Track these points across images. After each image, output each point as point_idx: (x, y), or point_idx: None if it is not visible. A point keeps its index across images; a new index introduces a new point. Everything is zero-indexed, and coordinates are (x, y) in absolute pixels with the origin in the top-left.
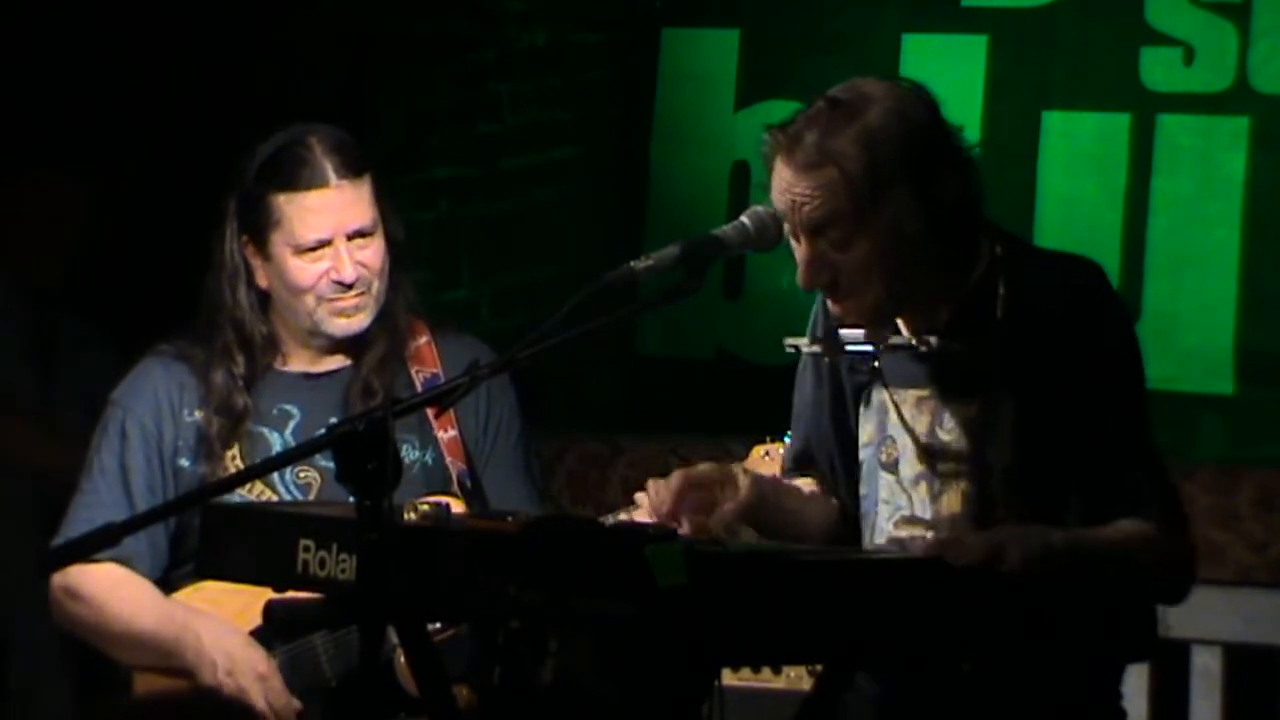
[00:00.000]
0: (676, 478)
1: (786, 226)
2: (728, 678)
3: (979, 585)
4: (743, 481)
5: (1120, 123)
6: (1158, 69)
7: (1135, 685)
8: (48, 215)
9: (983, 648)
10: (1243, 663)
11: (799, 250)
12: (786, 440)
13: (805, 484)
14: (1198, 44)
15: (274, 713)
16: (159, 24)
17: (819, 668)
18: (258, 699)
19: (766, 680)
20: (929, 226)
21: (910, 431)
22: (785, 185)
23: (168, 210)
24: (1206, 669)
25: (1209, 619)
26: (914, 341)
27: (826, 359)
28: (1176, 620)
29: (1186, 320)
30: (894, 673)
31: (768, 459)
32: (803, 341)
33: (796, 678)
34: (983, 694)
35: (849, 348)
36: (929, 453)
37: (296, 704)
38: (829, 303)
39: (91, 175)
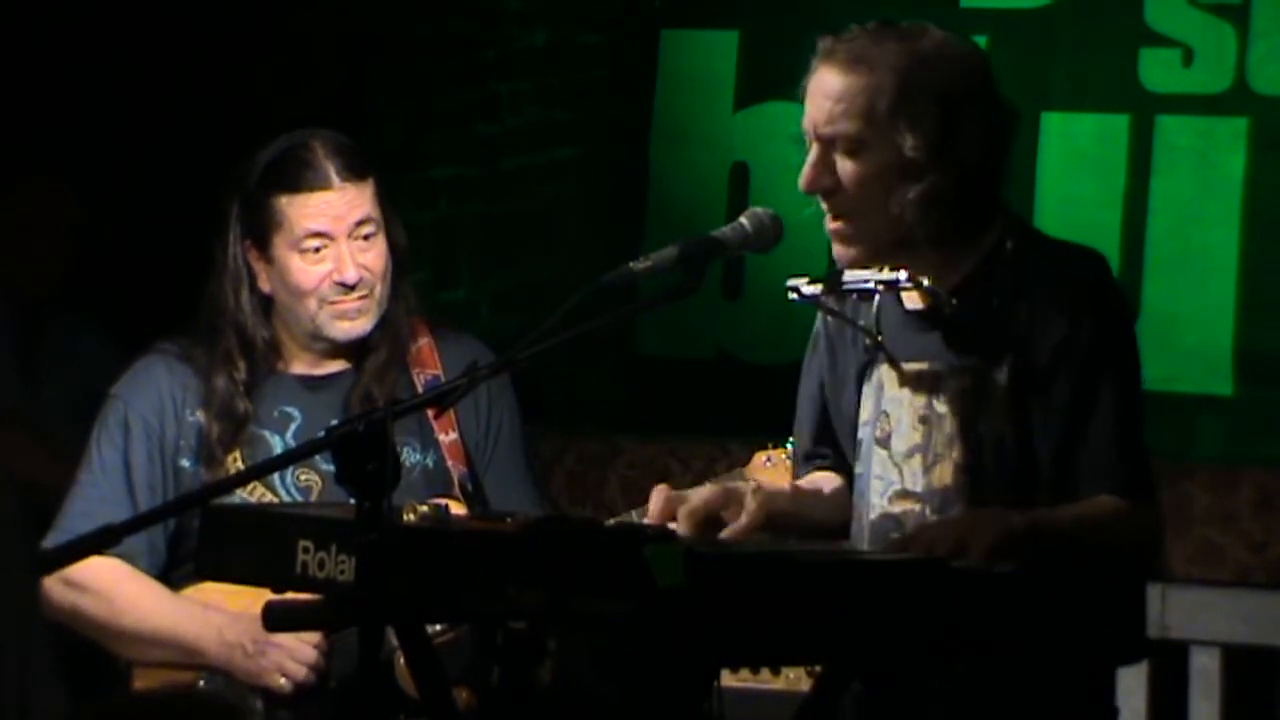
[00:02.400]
0: (683, 518)
1: (805, 127)
2: (727, 678)
3: (977, 586)
4: (749, 502)
5: (1119, 124)
6: (1157, 70)
7: (1134, 685)
8: (46, 220)
9: (980, 649)
10: (1241, 663)
11: (809, 153)
12: (789, 446)
13: (825, 479)
14: (1197, 45)
15: (309, 670)
16: (158, 24)
17: (818, 669)
18: (290, 666)
19: (765, 681)
20: (942, 172)
21: (908, 404)
22: (816, 85)
23: (168, 212)
24: (1205, 669)
25: (1208, 619)
26: (904, 276)
27: (828, 304)
28: (1175, 621)
29: (1185, 321)
30: (892, 674)
31: (769, 465)
32: (804, 281)
33: (795, 678)
34: (975, 694)
35: (849, 285)
36: (924, 424)
37: (314, 654)
38: (830, 226)
39: (91, 177)
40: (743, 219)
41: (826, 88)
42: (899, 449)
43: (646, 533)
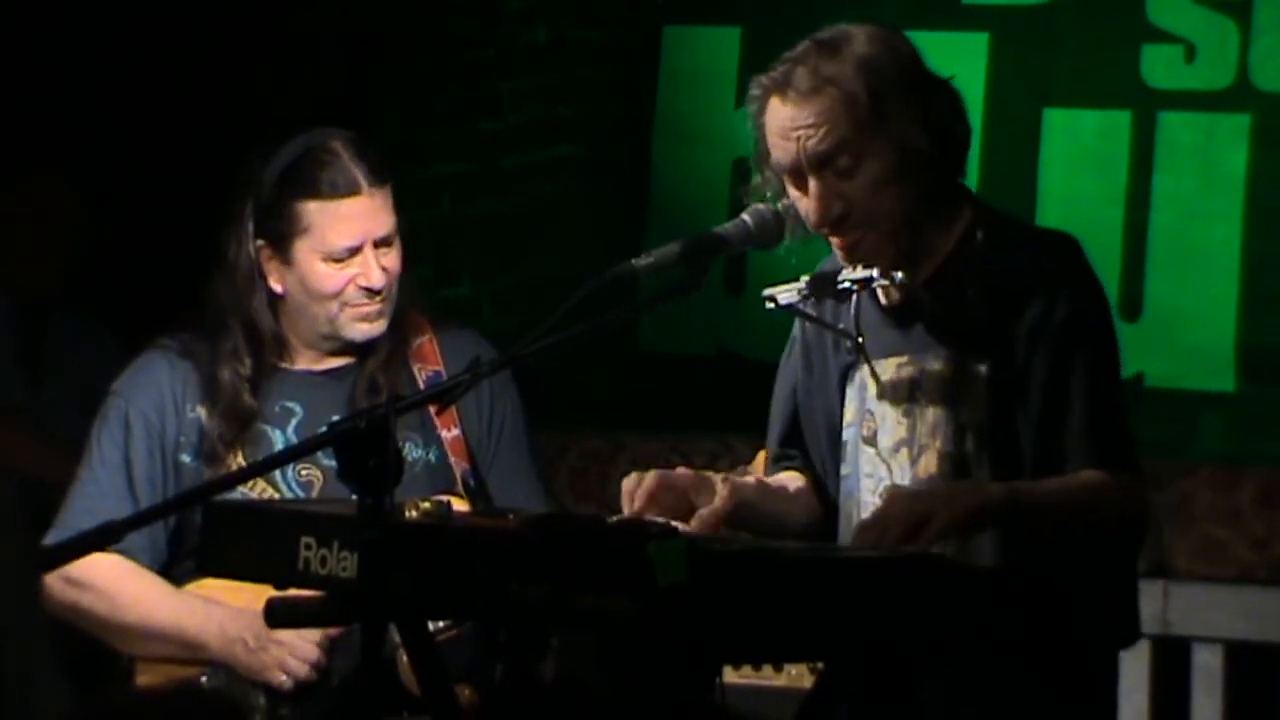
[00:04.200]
0: (652, 477)
1: (787, 173)
2: (729, 675)
3: (978, 583)
4: (720, 489)
5: (1121, 120)
6: (1159, 66)
7: (1136, 682)
8: (46, 219)
9: (980, 644)
10: (1244, 660)
11: (802, 197)
12: None
13: (790, 479)
14: (1199, 41)
15: (311, 667)
16: (158, 24)
17: (820, 665)
18: (291, 664)
19: (768, 678)
20: (931, 145)
21: (890, 399)
22: (784, 123)
23: (168, 211)
24: (1208, 666)
25: (1210, 616)
26: (877, 273)
27: (805, 311)
28: (1177, 617)
29: (1188, 318)
30: (893, 672)
31: None
32: (781, 290)
33: (798, 675)
34: (973, 689)
35: (825, 289)
36: (908, 418)
37: (315, 652)
38: (839, 246)
39: (91, 177)
40: (745, 215)
41: (799, 120)
42: (885, 445)
43: (649, 530)
